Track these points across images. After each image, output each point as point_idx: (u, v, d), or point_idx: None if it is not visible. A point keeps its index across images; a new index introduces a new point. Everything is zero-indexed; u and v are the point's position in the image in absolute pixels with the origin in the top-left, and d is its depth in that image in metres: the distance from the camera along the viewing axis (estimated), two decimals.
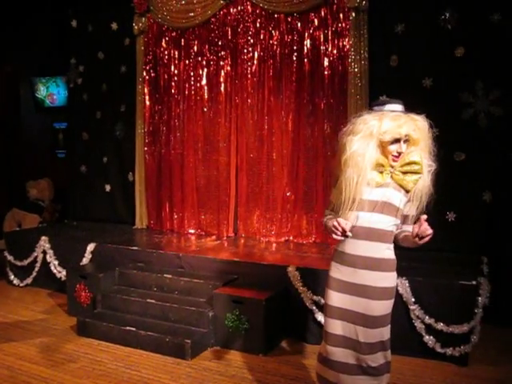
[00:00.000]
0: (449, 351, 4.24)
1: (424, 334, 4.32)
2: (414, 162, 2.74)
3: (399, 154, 2.73)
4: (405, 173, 2.76)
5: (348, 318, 2.82)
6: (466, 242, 5.34)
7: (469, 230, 5.35)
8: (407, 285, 4.36)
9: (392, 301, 2.85)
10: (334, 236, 2.74)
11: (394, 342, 2.95)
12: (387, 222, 2.76)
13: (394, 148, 2.73)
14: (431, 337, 4.30)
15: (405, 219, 2.84)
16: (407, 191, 2.77)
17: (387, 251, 2.81)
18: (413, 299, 4.35)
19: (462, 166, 5.33)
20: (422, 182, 2.75)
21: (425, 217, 2.58)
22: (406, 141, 2.73)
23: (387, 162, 2.77)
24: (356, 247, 2.79)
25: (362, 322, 2.79)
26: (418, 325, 4.33)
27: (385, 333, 2.83)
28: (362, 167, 2.70)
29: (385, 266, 2.79)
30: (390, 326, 2.86)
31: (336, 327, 2.86)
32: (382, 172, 2.77)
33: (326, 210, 3.04)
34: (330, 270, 2.95)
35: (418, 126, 2.72)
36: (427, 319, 4.30)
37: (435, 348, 4.29)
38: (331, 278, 2.92)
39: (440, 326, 4.26)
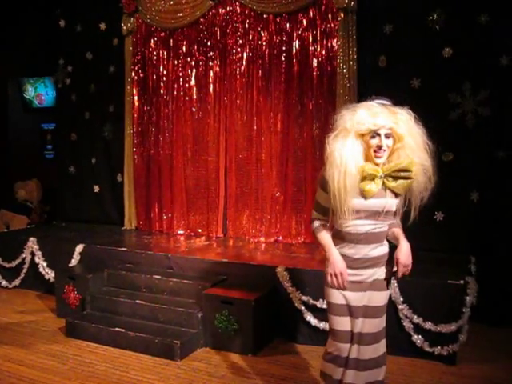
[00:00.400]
0: (437, 350, 4.27)
1: (412, 333, 4.34)
2: (405, 169, 2.68)
3: (379, 147, 2.66)
4: (396, 178, 2.70)
5: (353, 312, 2.89)
6: (454, 242, 5.37)
7: (457, 230, 5.37)
8: (395, 284, 4.38)
9: (390, 291, 3.03)
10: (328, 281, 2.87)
11: None
12: (385, 226, 2.84)
13: (374, 142, 2.65)
14: (419, 336, 4.33)
15: (395, 214, 2.87)
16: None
17: (384, 247, 2.90)
18: (401, 299, 4.38)
19: (450, 166, 5.34)
20: (416, 184, 2.72)
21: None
22: (388, 135, 2.65)
23: (377, 169, 2.69)
24: (356, 251, 2.83)
25: (366, 314, 2.88)
26: (407, 324, 4.35)
27: (382, 322, 2.94)
28: (340, 163, 2.64)
29: (384, 260, 2.91)
30: (385, 315, 2.97)
31: (345, 324, 2.91)
32: (373, 179, 2.69)
33: (314, 212, 2.98)
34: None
35: (400, 120, 2.64)
36: (415, 318, 4.33)
37: (423, 347, 4.31)
38: None
39: (428, 325, 4.28)
